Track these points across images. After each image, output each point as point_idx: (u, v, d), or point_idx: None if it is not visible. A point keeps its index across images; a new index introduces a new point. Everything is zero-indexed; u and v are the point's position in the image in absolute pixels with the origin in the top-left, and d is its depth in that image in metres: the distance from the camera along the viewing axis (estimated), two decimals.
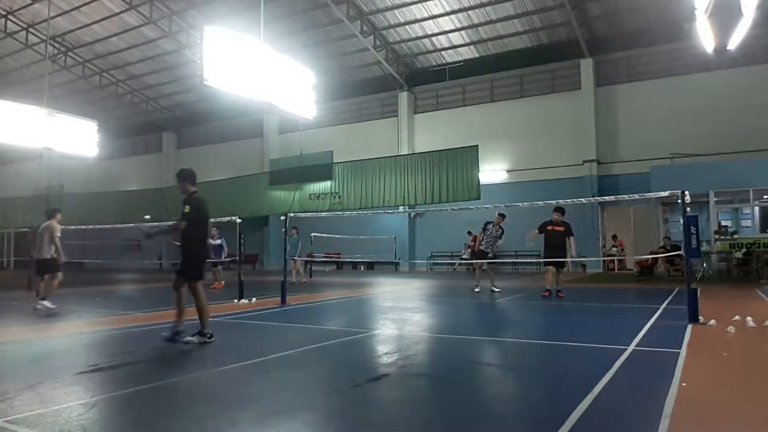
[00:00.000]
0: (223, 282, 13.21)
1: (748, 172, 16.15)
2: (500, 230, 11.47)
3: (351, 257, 24.55)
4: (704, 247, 14.50)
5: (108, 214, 23.06)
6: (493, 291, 11.15)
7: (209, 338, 5.30)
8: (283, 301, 9.26)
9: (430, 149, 19.50)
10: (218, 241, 13.27)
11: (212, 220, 13.24)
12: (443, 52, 23.83)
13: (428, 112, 25.14)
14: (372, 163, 19.13)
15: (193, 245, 5.45)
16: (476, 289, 11.33)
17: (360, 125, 26.50)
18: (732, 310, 7.02)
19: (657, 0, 18.68)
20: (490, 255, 11.45)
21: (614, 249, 20.11)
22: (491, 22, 21.35)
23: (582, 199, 9.34)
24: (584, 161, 21.06)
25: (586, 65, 21.35)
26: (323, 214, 18.49)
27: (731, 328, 5.85)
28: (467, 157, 17.00)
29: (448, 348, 5.54)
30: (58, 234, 8.45)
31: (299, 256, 14.92)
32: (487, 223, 11.58)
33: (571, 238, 10.22)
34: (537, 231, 10.39)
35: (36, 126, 13.28)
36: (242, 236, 10.23)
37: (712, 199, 16.63)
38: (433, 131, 24.38)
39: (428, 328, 6.74)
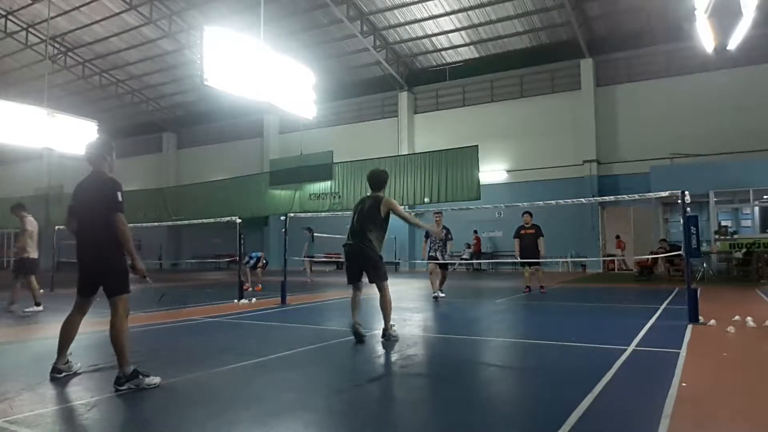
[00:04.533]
0: (260, 285, 12.67)
1: (748, 172, 16.14)
2: (444, 230, 10.09)
3: None
4: (704, 247, 14.49)
5: None
6: (437, 297, 9.89)
7: None
8: (283, 301, 9.26)
9: (430, 149, 19.47)
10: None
11: (212, 220, 13.20)
12: (443, 52, 23.82)
13: (428, 112, 25.13)
14: (372, 163, 19.10)
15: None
16: (441, 294, 9.98)
17: (360, 125, 26.48)
18: (732, 310, 7.01)
19: (657, 0, 18.68)
20: (446, 256, 10.31)
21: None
22: (491, 22, 21.34)
23: (582, 199, 9.34)
24: (584, 161, 21.06)
25: (586, 65, 21.34)
26: (323, 214, 18.49)
27: (731, 328, 5.85)
28: (467, 157, 16.98)
29: (448, 348, 5.55)
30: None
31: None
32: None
33: (541, 239, 10.91)
34: (516, 240, 11.16)
35: (36, 126, 13.26)
36: (242, 236, 10.23)
37: (712, 199, 16.63)
38: (433, 131, 24.36)
39: (428, 328, 6.75)
